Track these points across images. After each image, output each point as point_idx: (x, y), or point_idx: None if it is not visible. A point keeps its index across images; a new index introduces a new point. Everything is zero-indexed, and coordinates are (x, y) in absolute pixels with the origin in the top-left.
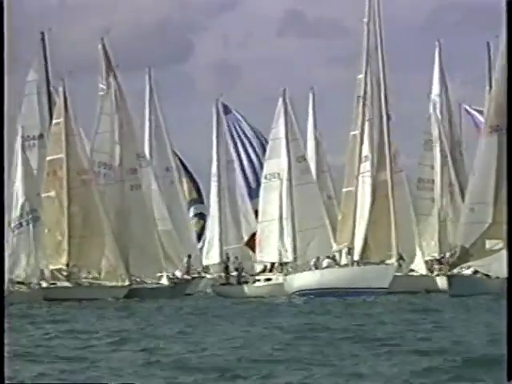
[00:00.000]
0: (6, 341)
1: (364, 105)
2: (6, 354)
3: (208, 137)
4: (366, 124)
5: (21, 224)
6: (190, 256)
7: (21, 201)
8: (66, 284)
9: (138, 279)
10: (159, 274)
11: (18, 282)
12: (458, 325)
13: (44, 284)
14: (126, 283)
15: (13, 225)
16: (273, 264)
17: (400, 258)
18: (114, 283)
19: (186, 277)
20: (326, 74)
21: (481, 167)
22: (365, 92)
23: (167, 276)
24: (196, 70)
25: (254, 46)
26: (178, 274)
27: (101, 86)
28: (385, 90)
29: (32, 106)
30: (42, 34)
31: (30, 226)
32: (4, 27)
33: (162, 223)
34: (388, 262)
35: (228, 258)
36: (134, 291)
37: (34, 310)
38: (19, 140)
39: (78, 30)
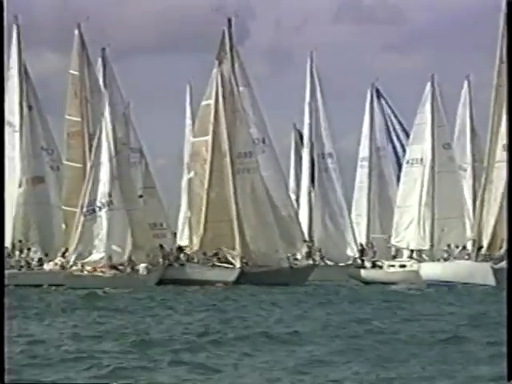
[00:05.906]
0: None
1: (497, 89)
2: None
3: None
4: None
5: None
6: (305, 240)
7: None
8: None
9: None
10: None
11: None
12: None
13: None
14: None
15: None
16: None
17: None
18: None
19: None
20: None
21: None
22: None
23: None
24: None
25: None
26: (299, 257)
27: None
28: None
29: None
30: None
31: None
32: (4, 27)
33: (284, 209)
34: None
35: (371, 244)
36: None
37: None
38: None
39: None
